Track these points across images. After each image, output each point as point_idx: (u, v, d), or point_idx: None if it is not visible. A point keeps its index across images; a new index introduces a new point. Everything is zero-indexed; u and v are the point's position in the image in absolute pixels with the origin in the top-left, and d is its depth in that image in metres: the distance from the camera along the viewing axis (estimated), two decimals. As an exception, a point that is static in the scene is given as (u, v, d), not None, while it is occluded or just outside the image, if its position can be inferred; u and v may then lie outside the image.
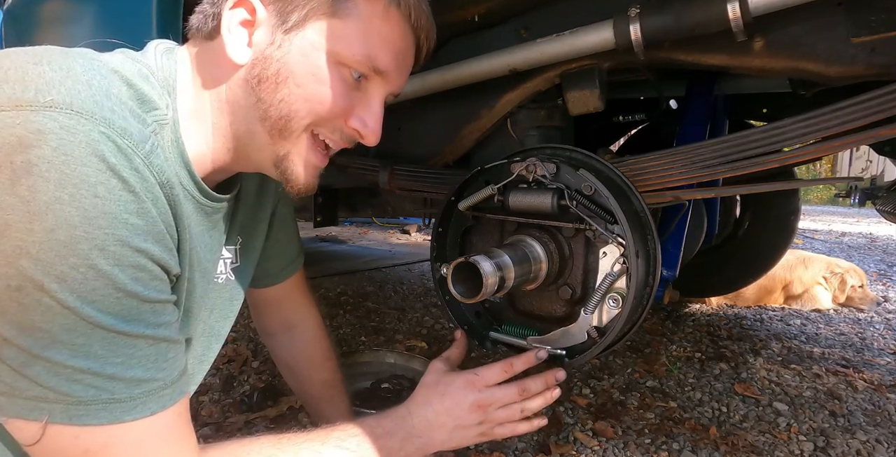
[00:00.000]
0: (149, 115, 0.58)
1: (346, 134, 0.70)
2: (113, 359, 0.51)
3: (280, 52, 0.63)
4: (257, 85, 0.64)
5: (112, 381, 0.51)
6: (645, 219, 0.85)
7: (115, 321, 0.50)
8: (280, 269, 1.00)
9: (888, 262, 4.22)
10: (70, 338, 0.48)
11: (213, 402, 1.45)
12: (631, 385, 1.63)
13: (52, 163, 0.46)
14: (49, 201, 0.46)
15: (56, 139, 0.46)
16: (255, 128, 0.66)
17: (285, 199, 0.97)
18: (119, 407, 0.51)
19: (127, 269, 0.50)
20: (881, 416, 1.49)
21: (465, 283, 0.78)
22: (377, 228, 5.48)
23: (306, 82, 0.63)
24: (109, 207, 0.49)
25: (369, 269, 3.35)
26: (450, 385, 0.82)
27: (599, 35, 0.83)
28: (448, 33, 1.05)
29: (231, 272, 0.85)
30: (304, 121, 0.65)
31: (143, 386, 0.53)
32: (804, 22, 0.75)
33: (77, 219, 0.47)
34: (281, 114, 0.64)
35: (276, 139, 0.66)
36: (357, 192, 1.81)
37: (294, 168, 0.68)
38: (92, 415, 0.50)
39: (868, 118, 0.69)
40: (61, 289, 0.47)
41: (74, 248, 0.47)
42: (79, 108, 0.49)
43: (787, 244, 2.23)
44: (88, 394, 0.50)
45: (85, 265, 0.47)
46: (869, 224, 7.39)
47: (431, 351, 1.87)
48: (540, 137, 1.08)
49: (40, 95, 0.48)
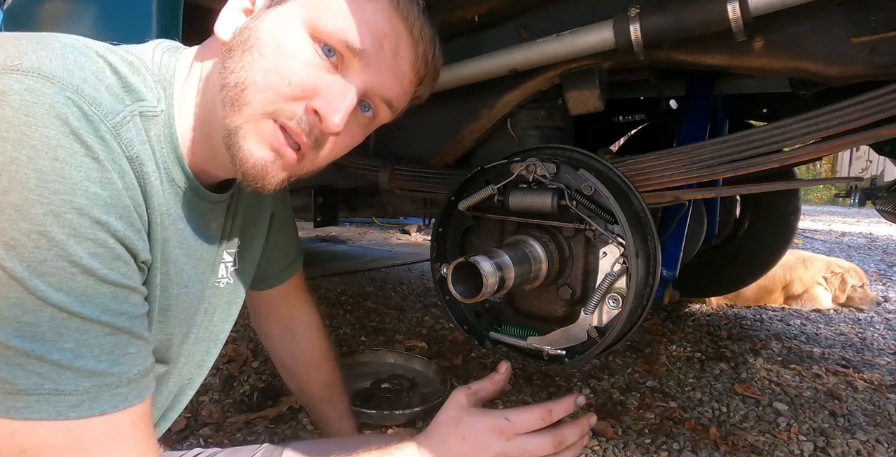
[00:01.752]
0: (133, 103, 0.56)
1: (305, 121, 0.60)
2: (62, 344, 0.46)
3: (255, 22, 0.60)
4: (227, 54, 0.60)
5: (58, 369, 0.45)
6: (645, 219, 0.85)
7: (67, 300, 0.45)
8: (280, 271, 0.99)
9: (888, 262, 4.22)
10: (15, 314, 0.44)
11: (213, 402, 1.45)
12: (631, 385, 1.63)
13: (11, 123, 0.44)
14: (5, 162, 0.43)
15: (19, 100, 0.45)
16: (215, 98, 0.60)
17: (284, 201, 0.97)
18: (63, 401, 0.46)
19: (84, 241, 0.46)
20: (881, 416, 1.49)
21: (465, 283, 0.78)
22: (377, 228, 5.48)
23: (268, 50, 0.58)
24: (69, 172, 0.45)
25: (369, 269, 3.35)
26: (472, 428, 0.69)
27: (599, 35, 0.83)
28: (448, 33, 1.05)
29: (230, 276, 0.84)
30: (259, 95, 0.58)
31: (94, 379, 0.48)
32: (804, 22, 0.75)
33: (33, 181, 0.44)
34: (238, 80, 0.58)
35: (229, 110, 0.58)
36: (357, 192, 1.81)
37: (243, 143, 0.59)
38: (32, 407, 0.45)
39: (868, 118, 0.69)
40: (9, 256, 0.43)
41: (27, 212, 0.43)
42: (47, 72, 0.47)
43: (787, 244, 2.23)
44: (30, 382, 0.45)
45: (37, 232, 0.44)
46: (869, 224, 7.39)
47: (431, 351, 1.87)
48: (540, 137, 1.08)
49: (9, 60, 0.46)
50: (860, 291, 2.70)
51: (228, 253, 0.82)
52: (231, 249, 0.82)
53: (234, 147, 0.59)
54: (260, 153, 0.60)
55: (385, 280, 3.03)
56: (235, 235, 0.83)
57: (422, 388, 1.52)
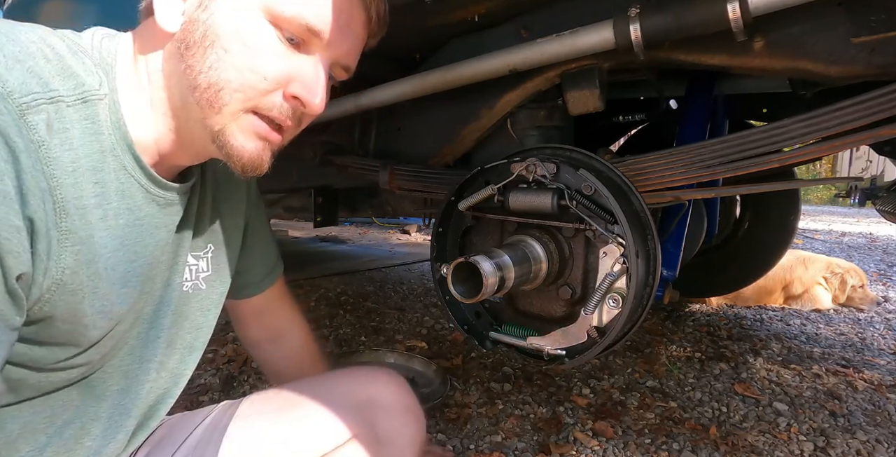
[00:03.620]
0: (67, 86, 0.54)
1: (287, 107, 0.62)
2: None
3: (206, 14, 0.58)
4: (185, 51, 0.58)
5: None
6: (645, 219, 0.85)
7: None
8: (260, 278, 0.96)
9: (888, 262, 4.22)
10: None
11: (213, 402, 1.45)
12: (631, 385, 1.63)
13: None
14: None
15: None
16: (188, 99, 0.60)
17: (257, 207, 0.93)
18: None
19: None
20: (881, 416, 1.49)
21: (465, 283, 0.78)
22: (377, 228, 5.48)
23: (234, 46, 0.58)
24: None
25: (369, 269, 3.35)
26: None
27: (599, 35, 0.83)
28: (448, 33, 1.05)
29: (202, 282, 0.80)
30: (238, 95, 0.59)
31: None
32: (804, 22, 0.75)
33: None
34: (210, 82, 0.58)
35: (208, 112, 0.59)
36: (357, 192, 1.81)
37: (233, 142, 0.61)
38: None
39: (868, 118, 0.69)
40: None
41: None
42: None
43: (787, 244, 2.23)
44: None
45: None
46: (869, 224, 7.39)
47: (431, 351, 1.87)
48: (540, 137, 1.08)
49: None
50: (860, 292, 2.70)
51: (194, 256, 0.78)
52: (197, 252, 0.79)
53: (226, 146, 0.61)
54: (251, 145, 0.62)
55: (385, 280, 3.03)
56: (203, 238, 0.79)
57: (422, 388, 1.52)
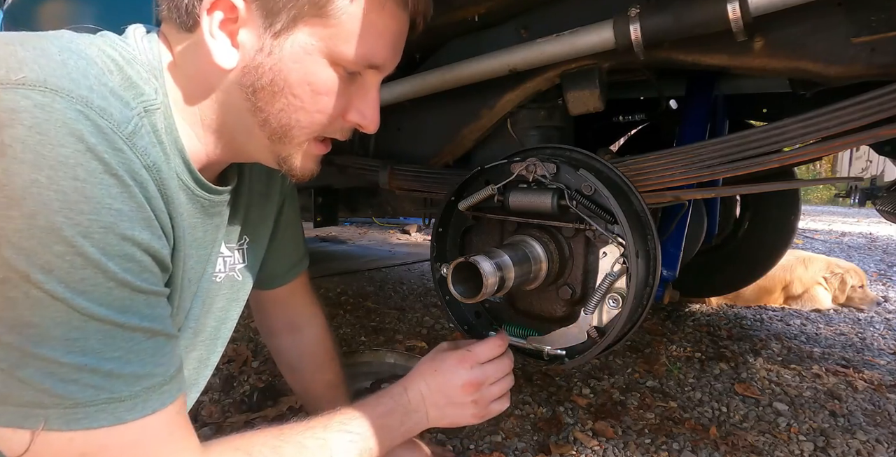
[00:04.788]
0: (134, 99, 0.55)
1: (347, 129, 0.70)
2: (110, 353, 0.48)
3: (271, 60, 0.59)
4: (252, 94, 0.61)
5: (110, 378, 0.48)
6: (645, 219, 0.85)
7: (108, 312, 0.47)
8: (287, 270, 0.99)
9: (888, 262, 4.22)
10: (63, 332, 0.45)
11: (213, 402, 1.45)
12: (631, 385, 1.63)
13: (26, 143, 0.43)
14: (26, 185, 0.43)
15: (30, 118, 0.44)
16: (253, 131, 0.65)
17: (291, 199, 0.96)
18: (120, 407, 0.49)
19: (115, 257, 0.48)
20: (881, 416, 1.49)
21: (465, 283, 0.78)
22: (377, 228, 5.48)
23: (303, 93, 0.62)
24: (91, 190, 0.46)
25: (369, 269, 3.35)
26: (443, 362, 0.81)
27: (599, 35, 0.83)
28: (448, 33, 1.05)
29: (238, 273, 0.83)
30: (306, 131, 0.65)
31: (143, 382, 0.51)
32: (804, 22, 0.75)
33: (57, 204, 0.44)
34: (281, 123, 0.63)
35: (277, 143, 0.65)
36: (357, 192, 1.81)
37: (297, 164, 0.69)
38: (91, 417, 0.47)
39: (868, 118, 0.69)
40: (48, 279, 0.44)
41: (58, 235, 0.44)
42: (53, 85, 0.46)
43: (787, 244, 2.23)
44: (86, 395, 0.47)
45: (71, 253, 0.45)
46: (869, 224, 7.39)
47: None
48: (540, 136, 1.08)
49: (12, 73, 0.45)
50: (860, 292, 2.69)
51: (228, 247, 0.81)
52: (231, 244, 0.82)
53: (290, 167, 0.69)
54: (310, 165, 0.70)
55: (385, 280, 3.03)
56: (238, 230, 0.82)
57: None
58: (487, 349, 0.82)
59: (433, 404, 0.80)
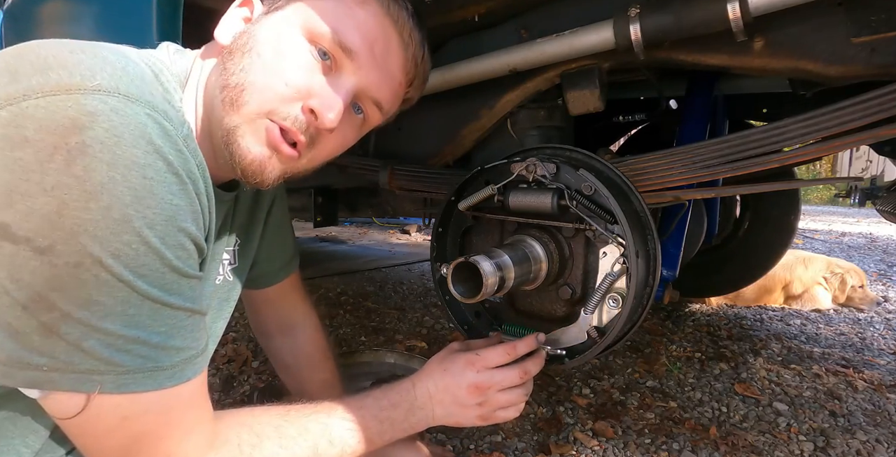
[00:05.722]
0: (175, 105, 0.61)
1: (301, 120, 0.64)
2: (158, 328, 0.54)
3: (254, 27, 0.65)
4: (227, 56, 0.64)
5: (157, 349, 0.54)
6: (645, 219, 0.85)
7: (161, 294, 0.53)
8: (277, 269, 1.00)
9: (888, 262, 4.22)
10: (124, 309, 0.51)
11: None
12: (631, 385, 1.63)
13: (104, 144, 0.48)
14: (103, 181, 0.48)
15: (107, 121, 0.49)
16: (216, 99, 0.64)
17: (281, 200, 0.98)
18: (162, 374, 0.55)
19: (171, 247, 0.53)
20: (881, 416, 1.49)
21: (465, 283, 0.78)
22: (377, 228, 5.48)
23: (266, 52, 0.63)
24: (157, 188, 0.52)
25: (369, 269, 3.35)
26: (453, 362, 0.83)
27: (599, 35, 0.83)
28: (448, 33, 1.05)
29: (230, 274, 0.85)
30: (257, 96, 0.62)
31: (182, 354, 0.57)
32: (804, 22, 0.75)
33: (129, 198, 0.49)
34: (237, 82, 0.62)
35: (228, 110, 0.62)
36: (357, 192, 1.81)
37: (241, 141, 0.63)
38: (139, 383, 0.53)
39: (868, 118, 0.69)
40: (116, 264, 0.49)
41: (128, 225, 0.49)
42: (125, 91, 0.51)
43: (787, 244, 2.23)
44: (136, 363, 0.53)
45: (137, 241, 0.50)
46: (869, 224, 7.39)
47: (431, 351, 1.86)
48: (540, 136, 1.08)
49: (87, 80, 0.50)
50: (860, 292, 2.69)
51: (227, 251, 0.84)
52: (229, 247, 0.84)
53: (233, 145, 0.64)
54: (257, 149, 0.64)
55: (385, 280, 3.03)
56: (234, 234, 0.84)
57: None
58: (496, 355, 0.83)
59: (439, 402, 0.81)
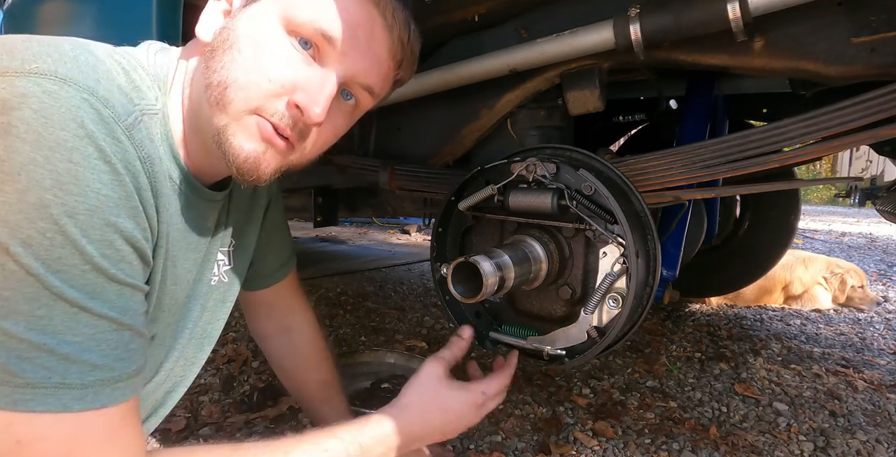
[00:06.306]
0: (137, 98, 0.58)
1: (288, 115, 0.61)
2: (71, 337, 0.47)
3: (233, 22, 0.62)
4: (209, 54, 0.62)
5: (65, 362, 0.47)
6: (645, 219, 0.85)
7: (79, 295, 0.47)
8: (273, 270, 1.00)
9: (888, 262, 4.22)
10: (31, 308, 0.46)
11: (213, 402, 1.45)
12: (631, 385, 1.63)
13: (30, 125, 0.45)
14: (23, 162, 0.45)
15: (37, 102, 0.46)
16: (201, 99, 0.62)
17: (277, 200, 0.97)
18: (68, 394, 0.47)
19: (95, 241, 0.48)
20: (881, 416, 1.49)
21: (465, 283, 0.78)
22: (377, 228, 5.48)
23: (246, 47, 0.60)
24: (83, 174, 0.47)
25: (369, 269, 3.35)
26: (453, 401, 0.78)
27: (599, 35, 0.83)
28: (448, 33, 1.05)
29: (224, 275, 0.84)
30: (242, 93, 0.59)
31: (97, 373, 0.49)
32: (804, 22, 0.75)
33: (49, 182, 0.46)
34: (220, 79, 0.60)
35: (216, 110, 0.60)
36: (357, 192, 1.81)
37: (233, 140, 0.61)
38: (38, 400, 0.46)
39: (868, 118, 0.69)
40: (26, 253, 0.45)
41: (44, 212, 0.45)
42: (63, 75, 0.48)
43: (787, 244, 2.23)
44: (38, 375, 0.46)
45: (52, 230, 0.46)
46: (869, 224, 7.39)
47: (431, 351, 1.86)
48: (540, 136, 1.08)
49: (26, 64, 0.48)
50: (860, 292, 2.69)
51: (222, 251, 0.83)
52: (224, 247, 0.83)
53: (225, 144, 0.61)
54: (251, 146, 0.62)
55: (385, 280, 3.03)
56: (229, 234, 0.84)
57: (422, 388, 1.51)
58: (498, 384, 0.84)
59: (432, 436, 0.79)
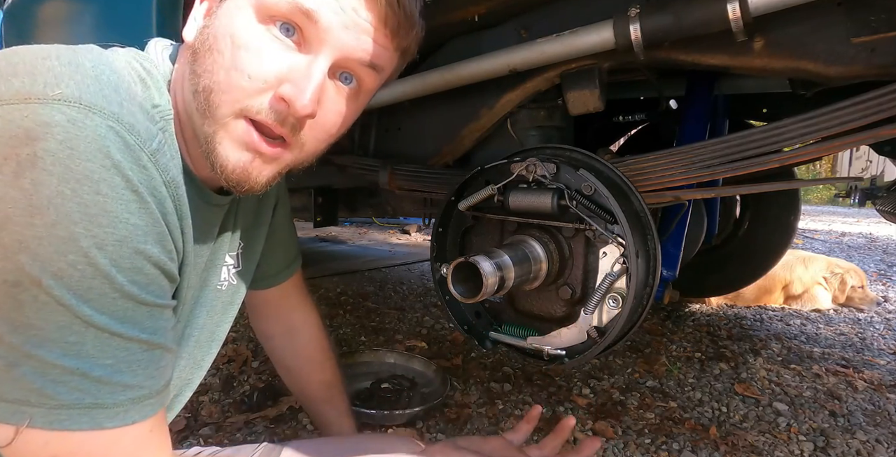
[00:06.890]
0: (156, 112, 0.58)
1: (273, 110, 0.57)
2: (103, 360, 0.49)
3: (212, 21, 0.59)
4: (193, 58, 0.59)
5: (98, 384, 0.49)
6: (645, 219, 0.85)
7: (109, 321, 0.49)
8: (280, 269, 0.99)
9: (888, 262, 4.22)
10: (62, 336, 0.47)
11: (213, 402, 1.45)
12: (631, 385, 1.63)
13: (56, 156, 0.45)
14: (51, 196, 0.45)
15: (63, 132, 0.45)
16: (191, 107, 0.59)
17: (283, 200, 0.97)
18: (101, 413, 0.49)
19: (125, 270, 0.49)
20: (881, 416, 1.49)
21: (465, 283, 0.78)
22: (377, 228, 5.48)
23: (224, 47, 0.56)
24: (111, 205, 0.48)
25: (369, 269, 3.35)
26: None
27: (599, 35, 0.83)
28: (448, 33, 1.05)
29: (233, 278, 0.84)
30: (227, 98, 0.56)
31: (129, 393, 0.51)
32: (804, 22, 0.75)
33: (77, 215, 0.46)
34: (204, 85, 0.57)
35: (204, 116, 0.58)
36: (357, 192, 1.81)
37: (219, 149, 0.58)
38: (73, 420, 0.48)
39: (868, 118, 0.69)
40: (58, 285, 0.46)
41: (74, 244, 0.46)
42: (87, 101, 0.47)
43: (787, 244, 2.23)
44: (72, 397, 0.48)
45: (83, 262, 0.46)
46: (869, 224, 7.38)
47: (431, 351, 1.87)
48: (540, 136, 1.08)
49: (49, 89, 0.47)
50: (860, 292, 2.69)
51: (230, 255, 0.82)
52: (232, 252, 0.83)
53: (212, 154, 0.59)
54: (236, 156, 0.59)
55: (385, 280, 3.03)
56: (237, 237, 0.83)
57: (422, 388, 1.52)
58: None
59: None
